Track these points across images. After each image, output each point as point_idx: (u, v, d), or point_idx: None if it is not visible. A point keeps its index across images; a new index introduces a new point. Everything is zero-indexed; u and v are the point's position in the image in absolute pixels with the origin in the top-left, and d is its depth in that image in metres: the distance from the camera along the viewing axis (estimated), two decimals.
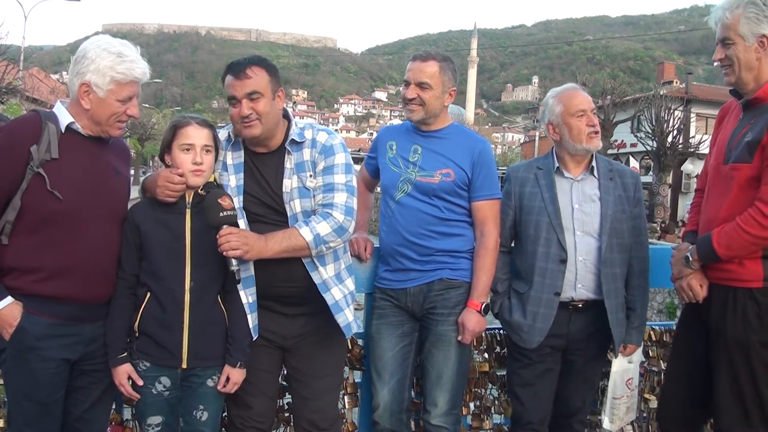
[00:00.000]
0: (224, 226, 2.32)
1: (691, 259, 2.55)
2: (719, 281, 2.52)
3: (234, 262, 2.33)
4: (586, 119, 2.80)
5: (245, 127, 2.47)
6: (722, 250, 2.44)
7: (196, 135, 2.43)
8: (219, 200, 2.33)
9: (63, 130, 2.32)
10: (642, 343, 3.00)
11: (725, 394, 2.51)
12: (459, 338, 2.75)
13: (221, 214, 2.32)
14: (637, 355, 2.98)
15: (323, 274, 2.53)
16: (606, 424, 2.99)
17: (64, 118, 2.34)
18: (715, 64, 2.56)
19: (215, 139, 2.49)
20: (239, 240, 2.32)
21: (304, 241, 2.43)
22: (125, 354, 2.39)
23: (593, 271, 2.77)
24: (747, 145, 2.41)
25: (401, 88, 2.93)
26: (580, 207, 2.80)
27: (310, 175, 2.54)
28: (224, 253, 2.31)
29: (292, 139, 2.55)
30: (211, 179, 2.51)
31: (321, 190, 2.53)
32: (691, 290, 2.56)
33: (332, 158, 2.56)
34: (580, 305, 2.79)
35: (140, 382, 2.39)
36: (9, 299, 2.24)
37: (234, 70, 2.46)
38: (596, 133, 2.82)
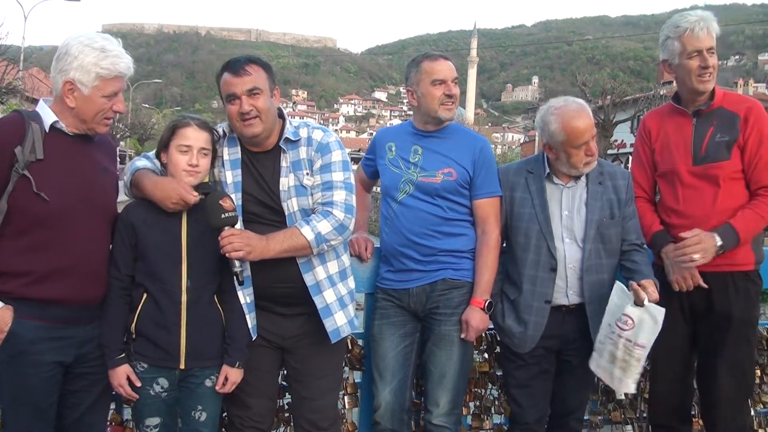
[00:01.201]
0: (225, 228, 2.32)
1: (725, 248, 2.67)
2: (715, 268, 2.71)
3: (237, 263, 2.32)
4: (586, 148, 2.73)
5: (246, 126, 2.46)
6: (744, 236, 2.69)
7: (194, 137, 2.42)
8: (220, 202, 2.31)
9: (47, 130, 2.28)
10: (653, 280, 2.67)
11: (725, 370, 2.73)
12: (462, 336, 2.74)
13: (223, 216, 2.31)
14: (656, 311, 2.57)
15: (318, 275, 2.53)
16: (593, 360, 2.70)
17: (48, 117, 2.29)
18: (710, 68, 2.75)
19: (213, 142, 2.48)
20: (242, 241, 2.31)
21: (306, 240, 2.43)
22: (123, 355, 2.38)
23: (581, 277, 2.76)
24: (725, 145, 2.73)
25: (404, 87, 2.88)
26: (569, 214, 2.79)
27: (307, 173, 2.53)
28: (227, 255, 2.31)
29: (287, 138, 2.54)
30: (205, 180, 2.50)
31: (320, 188, 2.52)
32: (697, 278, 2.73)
33: (329, 156, 2.55)
34: (573, 307, 2.79)
35: (138, 384, 2.38)
36: None
37: (233, 67, 2.45)
38: (593, 158, 2.76)
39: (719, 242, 2.66)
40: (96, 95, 2.29)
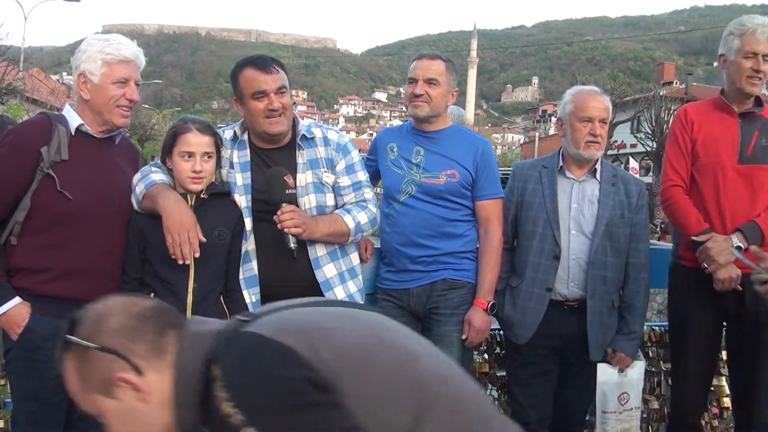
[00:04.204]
0: (284, 204, 2.36)
1: (743, 248, 2.68)
2: (743, 269, 2.74)
3: (293, 239, 2.36)
4: (590, 127, 2.79)
5: (273, 123, 2.48)
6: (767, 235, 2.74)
7: (195, 142, 2.40)
8: (285, 178, 2.37)
9: (72, 133, 2.35)
10: (636, 356, 2.89)
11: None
12: (464, 337, 2.74)
13: (287, 191, 2.37)
14: (636, 371, 2.85)
15: (328, 272, 2.55)
16: None
17: (74, 120, 2.37)
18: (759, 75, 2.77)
19: (217, 144, 2.47)
20: (300, 218, 2.37)
21: (347, 227, 2.50)
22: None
23: (585, 270, 2.78)
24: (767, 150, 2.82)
25: (403, 87, 2.94)
26: (578, 207, 2.82)
27: (325, 171, 2.58)
28: (285, 230, 2.35)
29: (303, 135, 2.57)
30: (213, 180, 2.50)
31: (351, 189, 2.61)
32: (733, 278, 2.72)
33: (350, 156, 2.62)
34: (575, 305, 2.80)
35: None
36: (17, 300, 2.25)
37: (261, 64, 2.47)
38: (595, 142, 2.79)
39: (736, 243, 2.69)
40: (106, 82, 2.34)
